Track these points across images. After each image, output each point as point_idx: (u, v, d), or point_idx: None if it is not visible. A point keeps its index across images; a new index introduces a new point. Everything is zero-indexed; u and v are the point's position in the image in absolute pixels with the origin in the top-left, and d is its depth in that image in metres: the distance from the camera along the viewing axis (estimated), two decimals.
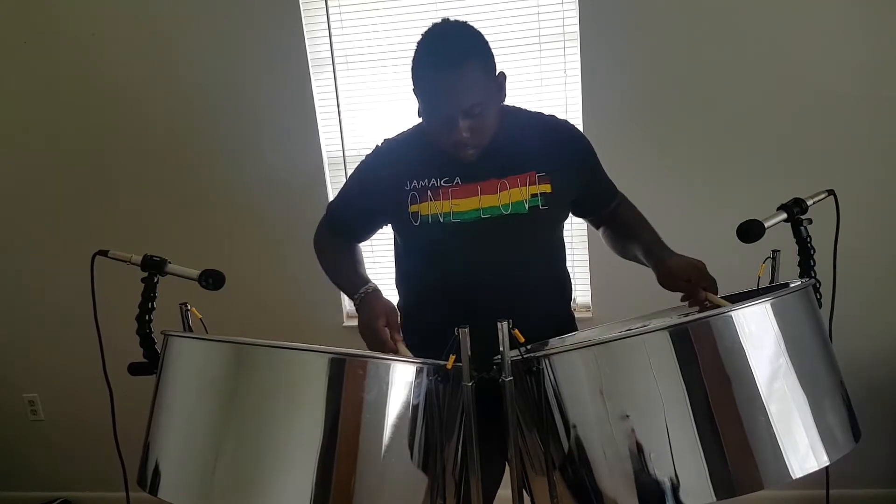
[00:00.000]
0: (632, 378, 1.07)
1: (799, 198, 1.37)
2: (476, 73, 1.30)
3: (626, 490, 1.06)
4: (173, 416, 1.15)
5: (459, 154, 1.36)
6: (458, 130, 1.31)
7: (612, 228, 1.62)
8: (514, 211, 1.42)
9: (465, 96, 1.28)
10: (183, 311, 1.35)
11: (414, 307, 1.58)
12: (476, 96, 1.29)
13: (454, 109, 1.29)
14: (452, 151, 1.37)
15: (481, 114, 1.31)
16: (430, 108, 1.35)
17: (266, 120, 2.41)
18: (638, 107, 2.25)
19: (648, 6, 2.17)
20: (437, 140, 1.38)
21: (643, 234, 1.54)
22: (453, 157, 1.38)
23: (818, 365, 1.14)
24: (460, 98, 1.28)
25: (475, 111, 1.30)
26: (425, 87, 1.34)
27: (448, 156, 1.42)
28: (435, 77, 1.30)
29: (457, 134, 1.31)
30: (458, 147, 1.34)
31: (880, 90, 2.13)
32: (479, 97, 1.30)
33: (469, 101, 1.29)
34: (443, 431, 1.15)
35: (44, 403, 2.86)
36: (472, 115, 1.30)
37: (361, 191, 1.55)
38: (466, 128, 1.31)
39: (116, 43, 2.42)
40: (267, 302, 2.54)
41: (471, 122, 1.31)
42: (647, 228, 1.56)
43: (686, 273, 1.32)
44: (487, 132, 1.36)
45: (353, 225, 1.60)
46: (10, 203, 2.64)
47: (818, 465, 1.06)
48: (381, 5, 2.29)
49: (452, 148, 1.35)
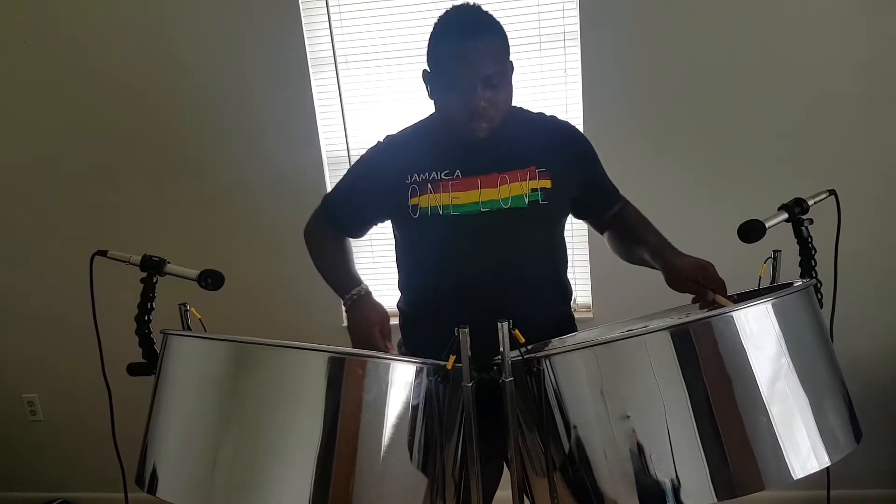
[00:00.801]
0: (633, 378, 1.07)
1: (800, 198, 1.36)
2: (497, 46, 1.35)
3: (626, 491, 1.06)
4: (172, 415, 1.15)
5: (473, 127, 1.36)
6: (477, 98, 1.32)
7: (616, 232, 1.62)
8: (513, 205, 1.42)
9: (487, 64, 1.32)
10: (182, 312, 1.34)
11: (414, 305, 1.58)
12: (497, 66, 1.33)
13: (476, 76, 1.32)
14: (467, 123, 1.36)
15: (498, 87, 1.34)
16: (449, 79, 1.35)
17: (266, 120, 2.41)
18: (638, 106, 2.24)
19: (649, 6, 2.16)
20: (451, 116, 1.38)
21: (649, 236, 1.53)
22: (466, 133, 1.38)
23: (819, 365, 1.14)
24: (483, 65, 1.32)
25: (494, 81, 1.33)
26: (447, 56, 1.35)
27: (449, 148, 1.43)
28: (458, 45, 1.33)
29: (475, 102, 1.33)
30: (474, 118, 1.35)
31: (880, 90, 2.13)
32: (499, 68, 1.34)
33: (491, 69, 1.32)
34: (442, 432, 1.15)
35: (43, 404, 2.85)
36: (491, 86, 1.33)
37: (361, 185, 1.55)
38: (485, 98, 1.33)
39: (116, 43, 2.41)
40: (266, 302, 2.54)
41: (490, 93, 1.33)
42: (653, 231, 1.56)
43: (694, 274, 1.32)
44: (500, 110, 1.37)
45: (349, 219, 1.60)
46: (10, 203, 2.64)
47: (819, 465, 1.05)
48: (381, 5, 2.29)
49: (468, 120, 1.35)
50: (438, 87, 1.39)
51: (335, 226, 1.61)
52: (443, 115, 1.43)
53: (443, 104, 1.40)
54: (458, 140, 1.43)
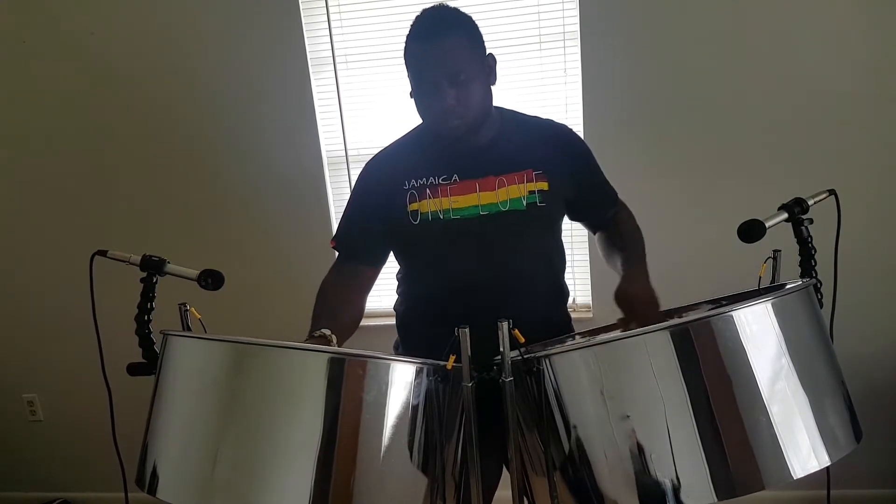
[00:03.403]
0: (632, 378, 1.07)
1: (800, 198, 1.36)
2: (460, 43, 1.36)
3: (626, 491, 1.06)
4: (172, 416, 1.14)
5: (447, 126, 1.38)
6: (445, 97, 1.34)
7: (605, 234, 1.62)
8: (512, 208, 1.43)
9: (449, 62, 1.34)
10: (182, 312, 1.34)
11: (413, 307, 1.58)
12: (460, 63, 1.34)
13: (439, 74, 1.34)
14: (441, 124, 1.38)
15: (466, 82, 1.35)
16: (418, 79, 1.39)
17: (266, 120, 2.41)
18: (638, 106, 2.24)
19: (649, 5, 2.16)
20: (426, 115, 1.41)
21: (629, 248, 1.53)
22: (444, 132, 1.39)
23: (819, 365, 1.14)
24: (444, 64, 1.34)
25: (460, 77, 1.34)
26: (414, 59, 1.39)
27: (445, 153, 1.43)
28: (421, 47, 1.36)
29: (444, 101, 1.34)
30: (446, 117, 1.36)
31: (880, 90, 2.13)
32: (464, 65, 1.35)
33: (453, 67, 1.33)
34: (442, 432, 1.15)
35: (43, 404, 2.85)
36: (456, 83, 1.34)
37: (361, 205, 1.53)
38: (453, 95, 1.34)
39: (116, 43, 2.42)
40: (266, 302, 2.54)
41: (457, 90, 1.34)
42: (635, 244, 1.55)
43: (630, 304, 1.34)
44: (474, 106, 1.38)
45: (362, 244, 1.53)
46: (9, 203, 2.64)
47: (819, 465, 1.05)
48: (381, 5, 2.29)
49: (440, 119, 1.38)
50: (413, 90, 1.41)
51: (353, 260, 1.53)
52: (421, 117, 1.44)
53: (418, 106, 1.42)
54: (453, 144, 1.43)
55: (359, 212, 1.53)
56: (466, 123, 1.38)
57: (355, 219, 1.54)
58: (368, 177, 1.53)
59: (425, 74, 1.36)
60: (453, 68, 1.33)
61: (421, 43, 1.36)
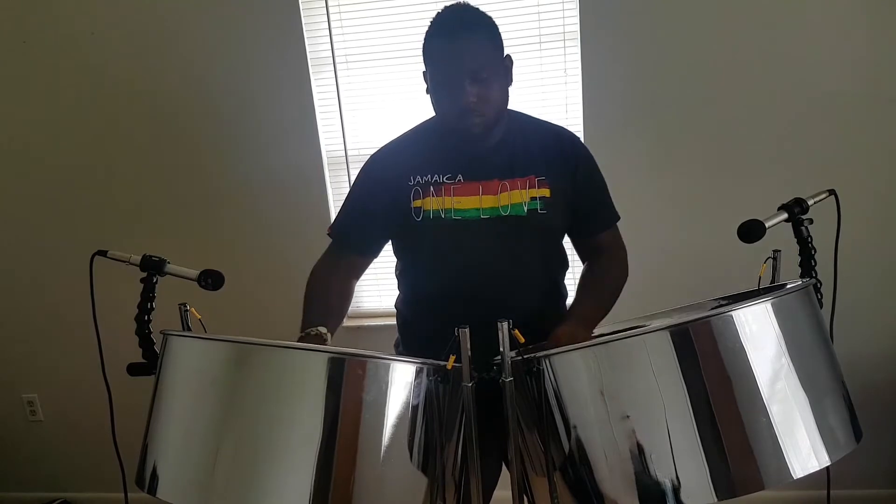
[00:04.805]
0: (632, 378, 1.07)
1: (800, 198, 1.36)
2: (483, 41, 1.36)
3: (626, 491, 1.06)
4: (172, 416, 1.14)
5: (466, 123, 1.37)
6: (466, 94, 1.33)
7: (588, 272, 1.59)
8: (512, 212, 1.43)
9: (471, 59, 1.33)
10: (182, 312, 1.34)
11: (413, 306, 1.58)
12: (482, 61, 1.34)
13: (462, 71, 1.33)
14: (460, 121, 1.37)
15: (488, 80, 1.35)
16: (439, 76, 1.38)
17: (266, 120, 2.41)
18: (638, 106, 2.24)
19: (649, 6, 2.16)
20: (444, 114, 1.40)
21: (594, 293, 1.51)
22: (461, 130, 1.38)
23: (819, 365, 1.14)
24: (467, 60, 1.33)
25: (482, 75, 1.34)
26: (435, 55, 1.38)
27: (451, 152, 1.43)
28: (443, 44, 1.36)
29: (464, 98, 1.33)
30: (466, 115, 1.36)
31: (880, 90, 2.13)
32: (486, 63, 1.35)
33: (476, 64, 1.33)
34: (442, 432, 1.15)
35: (43, 404, 2.85)
36: (479, 80, 1.34)
37: (364, 194, 1.52)
38: (474, 93, 1.34)
39: (116, 42, 2.41)
40: (266, 302, 2.54)
41: (478, 87, 1.34)
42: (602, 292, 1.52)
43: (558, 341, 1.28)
44: (493, 105, 1.38)
45: (358, 235, 1.53)
46: (10, 203, 2.64)
47: (819, 465, 1.06)
48: (381, 5, 2.29)
49: (460, 116, 1.36)
50: (432, 85, 1.40)
51: (347, 249, 1.54)
52: (438, 114, 1.44)
53: (436, 102, 1.42)
54: (460, 144, 1.43)
55: (360, 203, 1.53)
56: (485, 122, 1.38)
57: (356, 209, 1.53)
58: (372, 169, 1.53)
59: (447, 71, 1.35)
60: (476, 66, 1.33)
61: (444, 40, 1.36)
